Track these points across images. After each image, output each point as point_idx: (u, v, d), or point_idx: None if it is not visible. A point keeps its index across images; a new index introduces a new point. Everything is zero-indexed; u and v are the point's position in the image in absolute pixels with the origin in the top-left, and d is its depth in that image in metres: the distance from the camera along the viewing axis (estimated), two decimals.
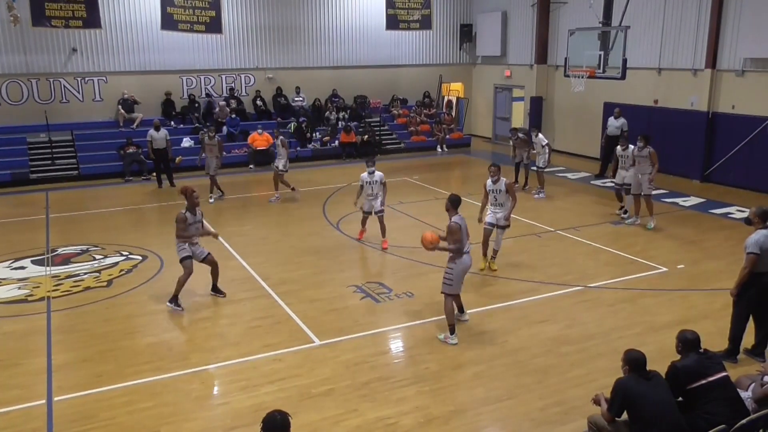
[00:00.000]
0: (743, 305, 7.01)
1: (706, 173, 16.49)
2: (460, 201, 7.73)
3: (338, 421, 6.08)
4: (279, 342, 7.74)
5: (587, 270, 10.24)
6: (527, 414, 6.19)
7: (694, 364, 5.20)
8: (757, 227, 6.90)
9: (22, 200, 15.76)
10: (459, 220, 7.53)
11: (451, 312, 7.66)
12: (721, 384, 5.14)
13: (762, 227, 6.86)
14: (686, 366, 5.21)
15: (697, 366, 5.18)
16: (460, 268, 7.58)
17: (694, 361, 5.22)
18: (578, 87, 16.39)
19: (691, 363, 5.22)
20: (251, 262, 10.66)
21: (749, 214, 7.06)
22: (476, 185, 15.54)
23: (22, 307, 9.01)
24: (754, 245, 6.75)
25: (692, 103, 16.62)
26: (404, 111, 23.32)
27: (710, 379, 5.12)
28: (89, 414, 6.26)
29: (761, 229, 6.86)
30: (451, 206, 7.67)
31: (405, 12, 23.21)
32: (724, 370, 5.25)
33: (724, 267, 10.06)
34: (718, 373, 5.17)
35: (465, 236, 7.53)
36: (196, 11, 19.87)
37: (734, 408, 5.08)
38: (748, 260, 6.78)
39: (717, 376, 5.15)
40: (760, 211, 6.93)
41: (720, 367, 5.26)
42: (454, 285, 7.61)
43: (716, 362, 5.29)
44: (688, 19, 16.54)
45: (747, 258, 6.79)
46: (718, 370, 5.20)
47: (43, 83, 18.65)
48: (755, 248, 6.74)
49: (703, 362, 5.21)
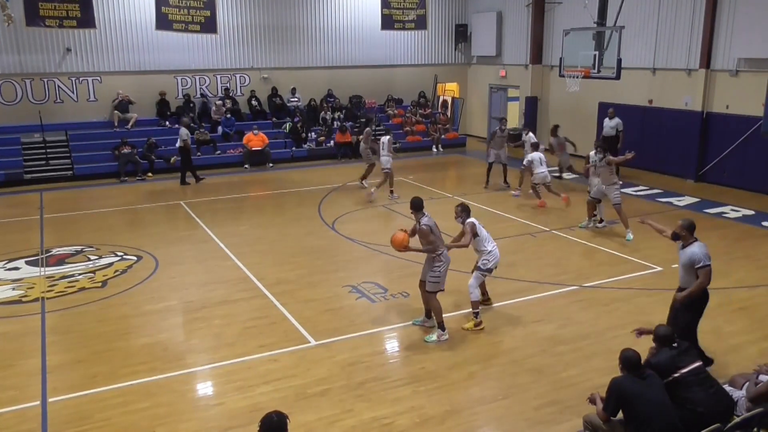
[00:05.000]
0: (694, 318, 6.74)
1: (700, 173, 16.55)
2: (422, 202, 7.76)
3: (334, 422, 6.08)
4: (274, 342, 7.73)
5: (582, 269, 10.27)
6: (522, 413, 6.20)
7: (666, 359, 5.33)
8: (686, 241, 6.59)
9: (16, 201, 15.69)
10: (428, 221, 7.61)
11: (439, 309, 7.73)
12: (694, 373, 5.26)
13: (693, 240, 6.56)
14: (659, 362, 5.34)
15: (669, 360, 5.31)
16: (446, 266, 7.69)
17: (666, 356, 5.35)
18: (573, 87, 16.45)
19: (663, 358, 5.35)
20: (246, 262, 10.65)
21: (677, 228, 6.65)
22: (471, 185, 15.63)
23: (16, 308, 8.97)
24: (705, 256, 6.44)
25: (686, 103, 16.68)
26: (400, 111, 23.33)
27: (683, 371, 5.24)
28: (84, 415, 6.24)
29: (693, 242, 6.55)
30: (415, 209, 7.73)
31: (400, 12, 23.21)
32: (697, 360, 5.37)
33: (718, 266, 9.97)
34: (690, 364, 5.29)
35: (438, 236, 7.63)
36: (191, 11, 19.82)
37: (714, 396, 5.20)
38: (704, 274, 6.44)
39: (690, 366, 5.28)
40: (687, 224, 6.61)
41: (692, 357, 5.38)
42: (440, 282, 7.71)
43: (688, 354, 5.40)
44: (682, 20, 16.60)
45: (703, 272, 6.44)
46: (690, 361, 5.33)
47: (38, 83, 18.56)
48: (708, 259, 6.45)
49: (675, 356, 5.33)
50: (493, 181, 16.03)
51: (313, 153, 20.59)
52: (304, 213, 14.02)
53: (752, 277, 9.84)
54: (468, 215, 8.04)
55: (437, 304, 7.74)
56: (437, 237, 7.64)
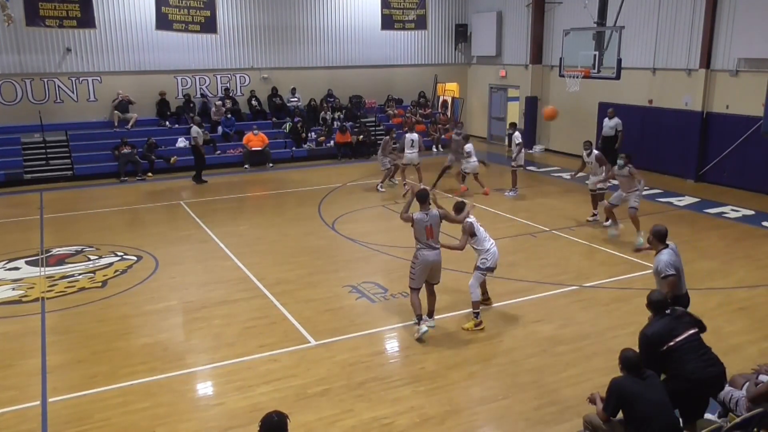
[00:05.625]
0: None
1: (700, 173, 16.55)
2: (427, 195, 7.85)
3: (334, 422, 6.08)
4: (274, 342, 7.73)
5: (582, 269, 10.27)
6: (522, 413, 6.20)
7: (662, 327, 5.32)
8: (656, 248, 6.43)
9: (16, 201, 15.69)
10: (417, 215, 7.69)
11: (415, 304, 7.77)
12: (689, 341, 5.27)
13: (662, 247, 6.38)
14: (655, 331, 5.32)
15: (665, 328, 5.30)
16: (420, 266, 7.70)
17: (662, 324, 5.34)
18: (573, 87, 16.44)
19: (659, 327, 5.34)
20: (246, 262, 10.65)
21: (647, 238, 6.46)
22: (471, 185, 15.59)
23: (17, 308, 8.97)
24: (666, 266, 6.18)
25: (686, 103, 16.68)
26: (400, 111, 23.32)
27: (678, 339, 5.24)
28: (84, 415, 6.24)
29: (663, 249, 6.37)
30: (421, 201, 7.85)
31: (400, 12, 23.20)
32: (693, 327, 5.36)
33: (718, 266, 10.11)
34: (686, 331, 5.29)
35: (421, 231, 7.65)
36: (191, 11, 19.81)
37: (708, 362, 5.22)
38: (667, 284, 6.17)
39: (685, 334, 5.28)
40: (655, 231, 6.43)
41: (688, 324, 5.37)
42: (416, 279, 7.74)
43: (684, 321, 5.39)
44: (682, 20, 16.59)
45: (665, 282, 6.19)
46: (686, 328, 5.32)
47: (38, 83, 18.55)
48: (670, 269, 6.18)
49: (670, 323, 5.33)
50: (443, 183, 16.05)
51: (313, 153, 20.58)
52: (304, 213, 14.02)
53: (752, 277, 9.83)
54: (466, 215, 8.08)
55: (412, 299, 7.80)
56: (416, 230, 7.68)
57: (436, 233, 7.72)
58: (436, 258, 7.74)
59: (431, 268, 7.76)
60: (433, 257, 7.71)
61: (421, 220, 7.65)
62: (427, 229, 7.64)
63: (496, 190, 15.57)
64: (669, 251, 6.41)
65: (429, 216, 7.66)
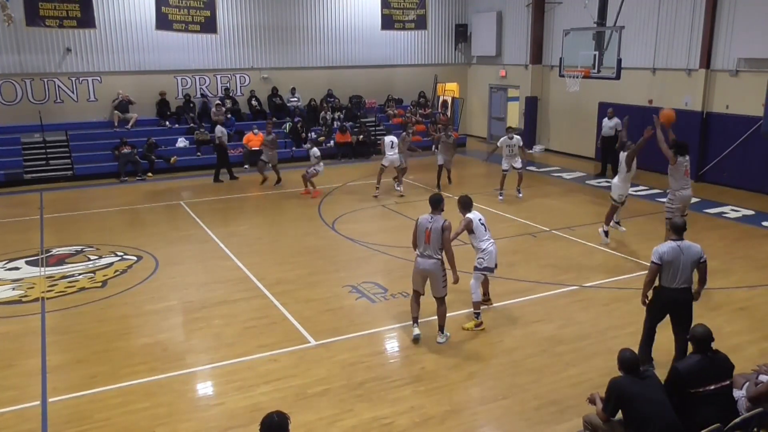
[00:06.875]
0: (647, 317, 6.80)
1: (700, 173, 16.54)
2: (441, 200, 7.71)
3: (334, 422, 6.08)
4: (274, 342, 7.73)
5: (582, 269, 10.26)
6: (522, 413, 6.20)
7: (697, 368, 5.08)
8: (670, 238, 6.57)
9: (17, 201, 15.69)
10: (422, 217, 7.65)
11: (411, 307, 7.76)
12: (722, 392, 5.07)
13: (676, 239, 6.45)
14: (690, 369, 5.09)
15: (701, 370, 5.07)
16: (414, 269, 7.68)
17: (698, 364, 5.10)
18: (573, 87, 16.45)
19: (695, 366, 5.10)
20: (246, 262, 10.65)
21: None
22: (471, 185, 15.63)
23: (17, 308, 8.98)
24: (654, 254, 6.41)
25: (686, 103, 16.68)
26: (399, 111, 23.32)
27: (712, 387, 5.02)
28: (84, 415, 6.24)
29: (671, 240, 6.49)
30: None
31: (400, 12, 23.21)
32: (729, 377, 5.14)
33: (718, 266, 10.10)
34: (723, 381, 5.07)
35: (420, 235, 7.54)
36: (191, 11, 19.82)
37: (728, 413, 5.02)
38: (649, 270, 6.49)
39: (721, 384, 5.06)
40: (672, 222, 6.64)
41: (725, 371, 5.14)
42: (413, 283, 7.74)
43: (722, 367, 5.15)
44: (682, 20, 16.60)
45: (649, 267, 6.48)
46: (723, 376, 5.09)
47: (38, 83, 18.56)
48: (655, 257, 6.38)
49: (707, 366, 5.08)
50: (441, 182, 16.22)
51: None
52: (304, 213, 14.02)
53: (752, 277, 9.84)
54: (468, 210, 8.07)
55: (410, 300, 7.82)
56: (417, 233, 7.60)
57: (434, 240, 7.41)
58: (430, 268, 7.46)
59: (423, 277, 7.57)
60: (425, 265, 7.49)
61: (424, 223, 7.53)
62: (427, 233, 7.45)
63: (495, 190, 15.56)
64: (672, 244, 6.41)
65: (433, 221, 7.47)
